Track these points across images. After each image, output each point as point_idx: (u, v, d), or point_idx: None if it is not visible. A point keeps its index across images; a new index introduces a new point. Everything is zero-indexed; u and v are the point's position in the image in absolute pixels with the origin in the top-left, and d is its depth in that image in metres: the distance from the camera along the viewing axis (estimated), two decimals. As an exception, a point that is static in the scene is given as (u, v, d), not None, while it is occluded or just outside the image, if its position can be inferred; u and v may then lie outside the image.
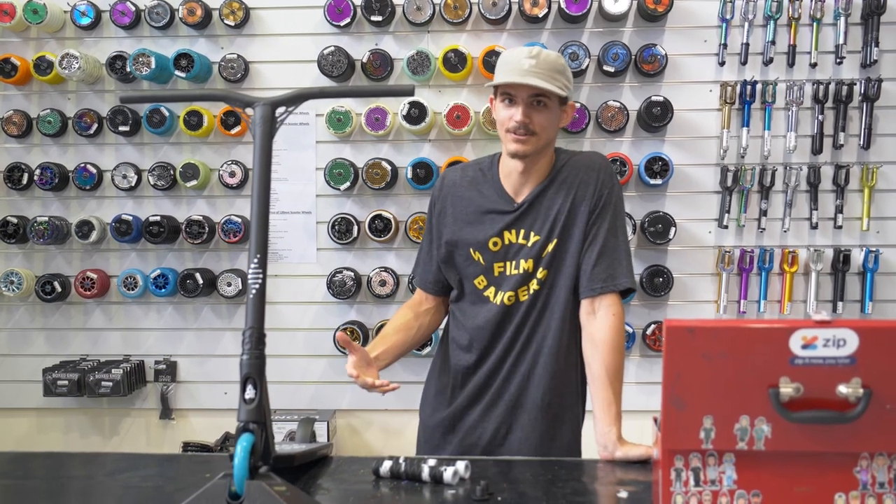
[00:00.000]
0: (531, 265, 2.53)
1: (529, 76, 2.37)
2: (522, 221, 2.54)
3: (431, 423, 2.73)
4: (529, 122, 2.41)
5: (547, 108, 2.43)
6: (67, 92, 4.18)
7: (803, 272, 4.00)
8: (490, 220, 2.57)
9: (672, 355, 1.52)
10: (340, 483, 2.03)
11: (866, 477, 1.53)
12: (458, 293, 2.67)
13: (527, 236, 2.53)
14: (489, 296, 2.58)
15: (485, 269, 2.57)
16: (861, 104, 3.91)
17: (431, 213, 2.72)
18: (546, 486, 1.98)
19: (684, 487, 1.56)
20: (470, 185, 2.64)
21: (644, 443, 2.19)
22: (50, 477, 2.19)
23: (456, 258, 2.62)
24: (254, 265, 1.85)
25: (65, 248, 4.23)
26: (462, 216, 2.61)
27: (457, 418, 2.65)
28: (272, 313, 3.99)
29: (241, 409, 1.77)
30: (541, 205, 2.54)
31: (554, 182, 2.55)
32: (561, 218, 2.51)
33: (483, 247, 2.56)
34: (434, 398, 2.75)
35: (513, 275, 2.55)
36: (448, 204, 2.65)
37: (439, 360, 2.78)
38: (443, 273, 2.70)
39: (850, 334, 1.46)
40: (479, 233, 2.57)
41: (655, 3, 3.84)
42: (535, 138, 2.43)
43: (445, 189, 2.68)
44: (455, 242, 2.61)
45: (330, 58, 3.96)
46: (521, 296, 2.55)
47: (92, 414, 4.32)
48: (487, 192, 2.60)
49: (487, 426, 2.60)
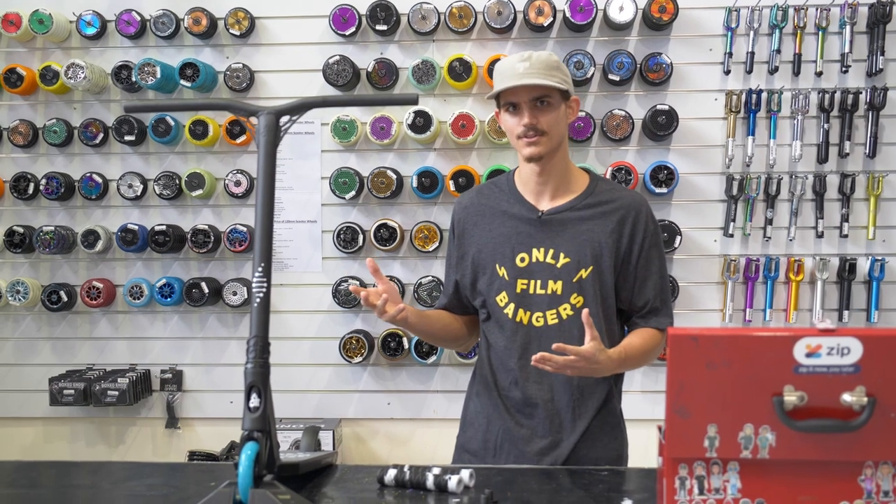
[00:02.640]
0: (560, 288, 2.50)
1: (526, 77, 2.37)
2: (548, 238, 2.52)
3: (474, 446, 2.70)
4: (537, 122, 2.41)
5: (551, 106, 2.43)
6: (73, 102, 4.19)
7: (809, 281, 4.00)
8: (515, 229, 2.55)
9: (676, 364, 1.52)
10: (345, 491, 2.03)
11: (871, 486, 1.53)
12: (486, 315, 2.65)
13: (556, 256, 2.50)
14: (508, 313, 2.55)
15: (508, 284, 2.54)
16: (867, 113, 3.90)
17: (451, 240, 2.72)
18: (550, 494, 1.98)
19: (689, 496, 1.56)
20: (488, 198, 2.64)
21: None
22: (56, 486, 2.19)
23: (480, 277, 2.61)
24: (258, 274, 1.86)
25: (71, 257, 4.24)
26: (488, 226, 2.60)
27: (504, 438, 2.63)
28: (277, 322, 4.03)
29: (245, 418, 1.78)
30: (570, 224, 2.52)
31: (587, 206, 2.54)
32: (598, 246, 2.50)
33: (510, 262, 2.54)
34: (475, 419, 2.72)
35: (538, 294, 2.52)
36: (470, 223, 2.65)
37: (478, 384, 2.73)
38: (464, 302, 2.71)
39: (854, 343, 1.46)
40: (505, 245, 2.55)
41: (661, 11, 3.84)
42: (546, 138, 2.43)
43: (464, 210, 2.68)
44: (482, 256, 2.59)
45: (335, 67, 3.97)
46: (549, 318, 2.52)
47: (98, 423, 4.32)
48: (508, 199, 2.60)
49: (533, 446, 2.58)
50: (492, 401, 2.63)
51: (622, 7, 3.86)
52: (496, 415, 2.61)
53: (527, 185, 2.58)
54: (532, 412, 2.57)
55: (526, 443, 2.57)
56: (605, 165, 3.97)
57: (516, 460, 2.55)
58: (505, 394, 2.60)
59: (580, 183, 2.58)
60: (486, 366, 2.65)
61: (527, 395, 2.56)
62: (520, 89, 2.40)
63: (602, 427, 2.60)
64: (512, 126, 2.45)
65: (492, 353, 2.63)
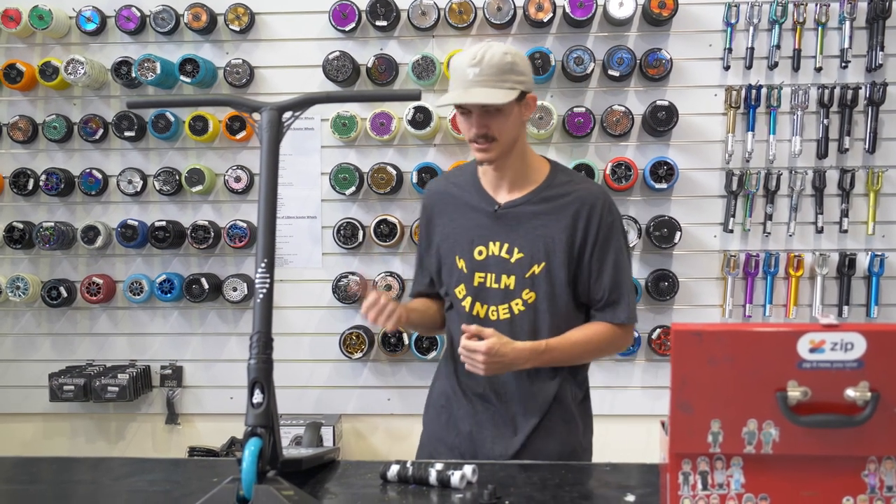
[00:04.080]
0: (513, 283, 2.51)
1: (474, 87, 2.32)
2: (503, 232, 2.52)
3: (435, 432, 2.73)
4: (487, 129, 2.36)
5: (501, 112, 2.36)
6: (73, 97, 4.19)
7: (809, 276, 4.00)
8: (474, 221, 2.56)
9: (680, 359, 1.52)
10: (348, 487, 2.03)
11: (874, 480, 1.53)
12: (449, 304, 2.67)
13: (510, 251, 2.50)
14: (465, 306, 2.56)
15: (466, 277, 2.56)
16: (866, 108, 3.90)
17: (423, 224, 2.73)
18: (554, 489, 1.98)
19: (692, 491, 1.56)
20: (454, 186, 2.65)
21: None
22: (56, 481, 2.20)
23: (443, 266, 2.63)
24: (261, 270, 1.86)
25: (70, 253, 4.24)
26: (451, 216, 2.61)
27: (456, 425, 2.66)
28: (278, 318, 3.99)
29: (248, 414, 1.78)
30: (525, 218, 2.51)
31: (543, 199, 2.52)
32: (551, 242, 2.49)
33: (468, 254, 2.55)
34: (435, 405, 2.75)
35: (493, 288, 2.53)
36: (437, 211, 2.66)
37: (444, 368, 2.77)
38: (434, 285, 2.73)
39: (857, 338, 1.46)
40: (464, 237, 2.56)
41: (660, 7, 3.84)
42: (496, 144, 2.39)
43: (433, 197, 2.70)
44: (444, 246, 2.61)
45: (335, 63, 3.96)
46: (502, 313, 2.53)
47: (98, 419, 4.33)
48: (469, 190, 2.60)
49: (486, 437, 2.60)
50: (451, 386, 2.66)
51: (622, 3, 3.85)
52: (455, 398, 2.65)
53: (485, 174, 2.58)
54: (487, 403, 2.60)
55: (479, 429, 2.59)
56: (605, 161, 3.97)
57: (470, 446, 2.59)
58: (464, 381, 2.62)
59: (539, 174, 2.55)
60: (450, 353, 2.68)
61: (481, 386, 2.59)
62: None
63: (555, 420, 2.60)
64: (465, 129, 2.43)
65: (454, 342, 2.63)
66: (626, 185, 3.91)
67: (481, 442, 2.58)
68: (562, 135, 4.00)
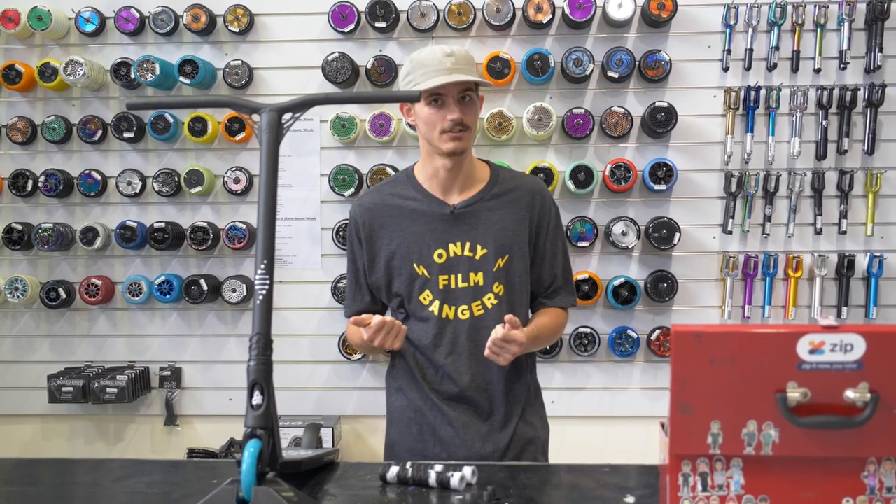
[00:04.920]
0: (482, 279, 2.56)
1: (456, 73, 2.42)
2: (463, 231, 2.57)
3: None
4: (464, 117, 2.46)
5: (473, 102, 2.51)
6: (72, 98, 4.19)
7: (808, 278, 4.00)
8: (428, 226, 2.58)
9: (679, 360, 1.52)
10: (347, 489, 2.03)
11: (874, 482, 1.53)
12: (405, 315, 2.66)
13: (473, 249, 2.56)
14: (434, 310, 2.58)
15: (430, 282, 2.57)
16: (865, 109, 3.90)
17: (353, 244, 2.71)
18: (552, 490, 1.98)
19: (692, 493, 1.56)
20: (393, 197, 2.65)
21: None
22: (55, 483, 2.19)
23: (396, 278, 2.62)
24: (261, 271, 1.87)
25: (69, 254, 4.23)
26: (398, 226, 2.61)
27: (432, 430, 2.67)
28: (277, 319, 3.98)
29: (248, 415, 1.78)
30: (482, 215, 2.58)
31: (495, 195, 2.61)
32: (511, 234, 2.58)
33: (428, 259, 2.56)
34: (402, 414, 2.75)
35: (461, 287, 2.57)
36: (377, 225, 2.64)
37: (401, 379, 2.75)
38: (377, 303, 2.74)
39: (857, 339, 1.47)
40: (421, 244, 2.57)
41: (659, 8, 3.84)
42: (468, 133, 2.50)
43: (369, 212, 2.67)
44: (396, 257, 2.61)
45: (334, 64, 3.96)
46: (475, 310, 2.57)
47: (97, 420, 4.32)
48: (415, 197, 2.62)
49: (472, 436, 2.62)
50: (421, 394, 2.67)
51: (621, 4, 3.85)
52: (429, 407, 2.65)
53: (433, 180, 2.61)
54: (467, 402, 2.62)
55: (466, 430, 2.61)
56: (604, 162, 3.97)
57: (458, 449, 2.59)
58: (435, 387, 2.64)
59: (483, 174, 2.66)
60: (410, 362, 2.67)
61: (461, 387, 2.61)
62: (450, 85, 2.43)
63: (531, 410, 2.71)
64: (435, 120, 2.48)
65: (416, 350, 2.65)
66: (626, 187, 3.91)
67: (469, 442, 2.60)
68: (561, 136, 4.00)
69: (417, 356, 2.65)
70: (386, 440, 2.81)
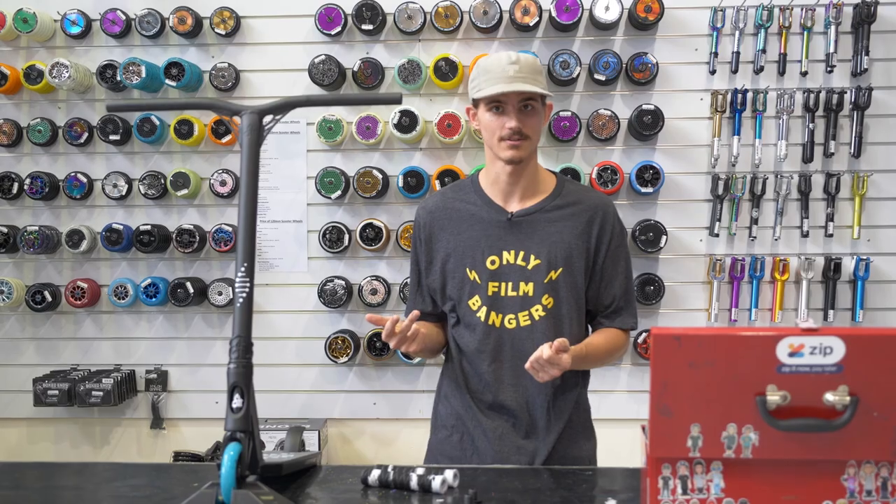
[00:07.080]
0: (532, 289, 2.52)
1: (518, 82, 2.38)
2: (518, 240, 2.54)
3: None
4: (523, 126, 2.43)
5: (535, 111, 2.45)
6: (58, 101, 4.17)
7: (794, 280, 4.00)
8: (484, 232, 2.56)
9: (659, 363, 1.52)
10: (329, 492, 2.03)
11: (854, 485, 1.53)
12: (455, 320, 2.65)
13: (526, 258, 2.52)
14: (480, 316, 2.56)
15: (480, 287, 2.55)
16: (851, 113, 3.91)
17: (418, 245, 2.70)
18: (534, 494, 1.98)
19: (672, 496, 1.56)
20: (454, 202, 2.64)
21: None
22: (40, 487, 2.19)
23: (449, 281, 2.61)
24: (241, 274, 1.86)
25: (55, 257, 4.22)
26: (456, 230, 2.59)
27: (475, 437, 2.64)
28: (263, 322, 4.02)
29: (228, 419, 1.78)
30: (540, 225, 2.55)
31: (556, 207, 2.57)
32: (566, 248, 2.53)
33: (480, 265, 2.54)
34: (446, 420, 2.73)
35: (510, 296, 2.54)
36: (437, 227, 2.64)
37: (447, 387, 2.74)
38: (437, 305, 2.70)
39: (836, 342, 1.47)
40: (475, 248, 2.55)
41: (646, 11, 3.85)
42: (528, 142, 2.46)
43: (430, 214, 2.67)
44: (451, 260, 2.59)
45: (321, 66, 3.95)
46: (522, 320, 2.54)
47: (82, 424, 4.31)
48: (476, 202, 2.60)
49: (509, 448, 2.59)
50: (464, 403, 2.64)
51: (608, 7, 3.86)
52: (469, 416, 2.63)
53: (495, 186, 2.59)
54: (507, 415, 2.59)
55: (501, 441, 2.58)
56: (591, 165, 3.97)
57: (493, 460, 2.56)
58: (478, 397, 2.62)
59: (548, 184, 2.61)
60: (457, 369, 2.66)
61: (500, 399, 2.58)
62: (511, 93, 2.40)
63: (576, 427, 2.65)
64: (494, 127, 2.45)
65: (463, 357, 2.63)
66: (612, 190, 3.91)
67: (504, 455, 2.57)
68: (548, 139, 3.99)
69: (464, 363, 2.63)
70: (428, 445, 2.79)
